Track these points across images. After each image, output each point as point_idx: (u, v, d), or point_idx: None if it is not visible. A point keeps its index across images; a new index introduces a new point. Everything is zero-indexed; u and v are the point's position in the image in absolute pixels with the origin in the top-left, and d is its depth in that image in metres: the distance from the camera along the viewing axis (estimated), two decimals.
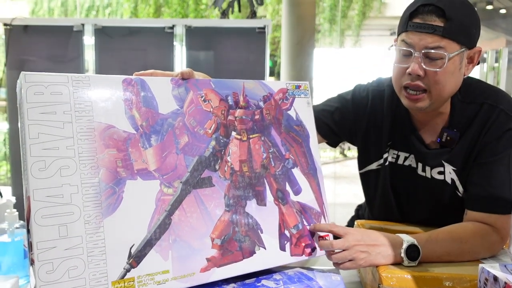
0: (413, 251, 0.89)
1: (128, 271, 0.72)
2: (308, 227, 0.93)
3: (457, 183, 1.06)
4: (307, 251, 0.92)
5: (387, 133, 1.15)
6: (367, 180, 1.24)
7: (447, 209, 1.09)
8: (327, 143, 1.25)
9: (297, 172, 0.94)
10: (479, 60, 1.03)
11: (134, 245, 0.73)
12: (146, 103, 0.80)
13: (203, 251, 0.80)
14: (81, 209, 0.70)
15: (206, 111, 0.86)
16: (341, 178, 6.88)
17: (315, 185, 0.96)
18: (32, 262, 0.67)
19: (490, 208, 0.98)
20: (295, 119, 0.96)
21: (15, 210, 0.98)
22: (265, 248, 0.87)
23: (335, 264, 0.89)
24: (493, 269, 0.70)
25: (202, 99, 0.86)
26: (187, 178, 0.81)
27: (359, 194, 1.32)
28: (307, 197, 0.94)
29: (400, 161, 1.14)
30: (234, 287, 0.82)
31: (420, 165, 1.10)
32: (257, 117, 0.91)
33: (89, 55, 2.62)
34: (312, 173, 0.96)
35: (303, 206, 0.93)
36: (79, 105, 0.73)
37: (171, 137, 0.81)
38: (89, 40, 2.61)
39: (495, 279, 0.67)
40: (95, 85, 0.75)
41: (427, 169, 1.09)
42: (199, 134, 0.84)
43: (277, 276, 0.88)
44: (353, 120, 1.19)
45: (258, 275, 0.87)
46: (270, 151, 0.91)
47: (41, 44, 2.62)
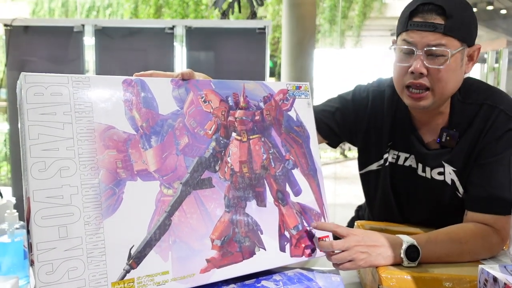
0: (412, 252, 0.89)
1: (128, 272, 0.72)
2: (311, 224, 0.93)
3: (457, 183, 1.06)
4: (307, 252, 0.91)
5: (387, 134, 1.15)
6: (367, 180, 1.24)
7: (447, 210, 1.09)
8: (327, 143, 1.25)
9: (297, 173, 0.94)
10: (479, 60, 1.04)
11: (134, 246, 0.73)
12: (146, 104, 0.80)
13: (203, 252, 0.80)
14: (81, 210, 0.70)
15: (206, 112, 0.86)
16: (341, 178, 6.88)
17: (315, 186, 0.96)
18: (32, 263, 0.67)
19: (490, 208, 0.98)
20: (295, 119, 0.96)
21: (15, 210, 0.98)
22: (265, 249, 0.87)
23: (335, 264, 0.89)
24: (493, 270, 0.70)
25: (202, 100, 0.86)
26: (187, 179, 0.81)
27: (360, 194, 1.32)
28: (307, 198, 0.94)
29: (400, 162, 1.14)
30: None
31: (420, 166, 1.10)
32: (257, 118, 0.91)
33: (89, 56, 2.62)
34: (312, 174, 0.96)
35: (303, 207, 0.93)
36: (79, 105, 0.73)
37: (171, 138, 0.81)
38: (89, 40, 2.61)
39: (495, 280, 0.67)
40: (95, 85, 0.75)
41: (427, 169, 1.09)
42: (199, 135, 0.84)
43: (277, 277, 0.88)
44: (353, 120, 1.19)
45: (258, 276, 0.87)
46: (270, 152, 0.91)
47: (41, 44, 2.62)
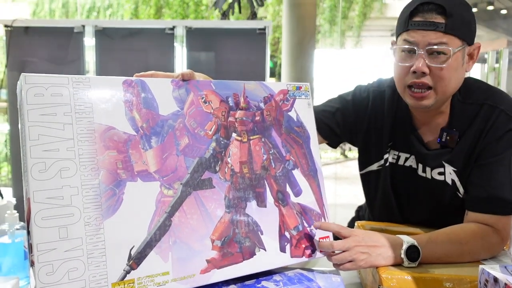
0: (413, 252, 0.89)
1: (128, 272, 0.72)
2: (314, 224, 0.93)
3: (458, 184, 1.05)
4: (307, 252, 0.91)
5: (387, 134, 1.15)
6: (367, 181, 1.24)
7: (448, 210, 1.09)
8: (327, 144, 1.25)
9: (297, 173, 0.94)
10: (479, 60, 1.05)
11: (134, 246, 0.73)
12: (146, 105, 0.80)
13: (203, 252, 0.80)
14: (81, 210, 0.70)
15: (206, 113, 0.86)
16: (342, 179, 6.87)
17: (316, 187, 0.96)
18: (32, 263, 0.67)
19: (490, 209, 0.98)
20: (295, 120, 0.96)
21: (16, 211, 0.98)
22: (265, 249, 0.87)
23: (336, 265, 0.89)
24: (493, 270, 0.69)
25: (202, 100, 0.86)
26: (188, 179, 0.81)
27: (360, 195, 1.32)
28: (307, 198, 0.94)
29: (400, 162, 1.14)
30: None
31: (420, 166, 1.10)
32: (258, 118, 0.91)
33: (90, 57, 2.62)
34: (312, 174, 0.96)
35: (303, 207, 0.93)
36: (80, 106, 0.73)
37: (171, 139, 0.81)
38: (89, 41, 2.61)
39: (495, 280, 0.67)
40: (95, 86, 0.75)
41: (428, 170, 1.09)
42: (200, 135, 0.84)
43: (277, 277, 0.88)
44: (353, 121, 1.19)
45: (258, 276, 0.87)
46: (270, 152, 0.91)
47: (41, 45, 2.62)
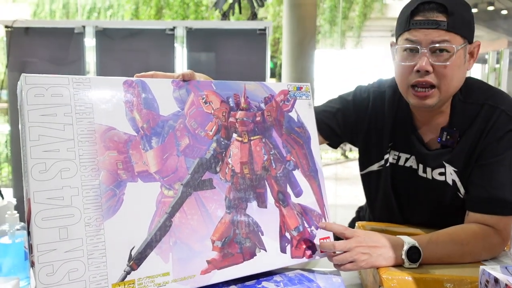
0: (414, 253, 0.89)
1: (128, 273, 0.72)
2: (319, 224, 0.93)
3: (458, 184, 1.05)
4: (308, 253, 0.91)
5: (388, 134, 1.15)
6: (368, 181, 1.24)
7: (448, 211, 1.09)
8: (328, 144, 1.25)
9: (298, 174, 0.94)
10: (480, 61, 1.05)
11: (134, 247, 0.73)
12: (147, 105, 0.79)
13: (203, 253, 0.80)
14: (81, 211, 0.70)
15: (207, 113, 0.86)
16: (342, 179, 6.87)
17: (316, 187, 0.96)
18: (32, 264, 0.67)
19: (491, 209, 0.98)
20: (296, 120, 0.96)
21: (16, 212, 0.98)
22: (265, 250, 0.87)
23: (336, 265, 0.89)
24: (494, 271, 0.69)
25: (203, 100, 0.86)
26: (188, 180, 0.81)
27: (361, 195, 1.32)
28: (308, 199, 0.94)
29: (401, 162, 1.14)
30: None
31: (421, 166, 1.10)
32: (258, 118, 0.91)
33: (90, 57, 2.62)
34: (313, 175, 0.96)
35: (304, 208, 0.93)
36: (80, 107, 0.73)
37: (172, 139, 0.81)
38: (90, 42, 2.61)
39: (496, 281, 0.67)
40: (95, 86, 0.75)
41: (428, 170, 1.09)
42: (200, 136, 0.84)
43: (277, 278, 0.87)
44: (354, 121, 1.19)
45: (258, 277, 0.87)
46: (271, 153, 0.91)
47: (42, 46, 2.62)
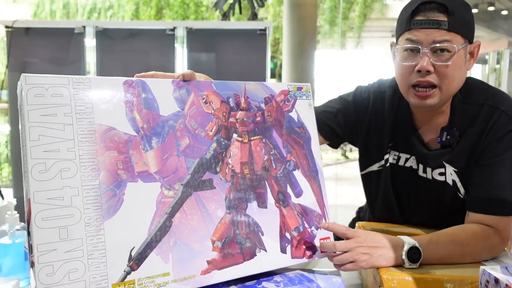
0: (414, 253, 0.88)
1: (128, 273, 0.72)
2: (321, 224, 0.93)
3: (459, 184, 1.05)
4: (308, 253, 0.91)
5: (388, 135, 1.15)
6: (368, 181, 1.24)
7: (449, 211, 1.09)
8: (328, 144, 1.25)
9: (298, 174, 0.94)
10: (480, 61, 1.05)
11: (134, 247, 0.73)
12: (147, 105, 0.79)
13: (203, 253, 0.80)
14: (81, 211, 0.70)
15: (207, 113, 0.86)
16: (342, 180, 6.87)
17: (316, 188, 0.96)
18: (32, 264, 0.67)
19: (491, 209, 0.98)
20: (296, 121, 0.96)
21: (16, 212, 0.98)
22: (266, 250, 0.87)
23: (337, 265, 0.89)
24: (494, 271, 0.69)
25: (203, 101, 0.86)
26: (188, 180, 0.81)
27: (361, 196, 1.32)
28: (308, 199, 0.94)
29: (401, 163, 1.14)
30: None
31: (421, 167, 1.10)
32: (259, 119, 0.91)
33: (90, 57, 2.62)
34: (313, 175, 0.96)
35: (304, 208, 0.93)
36: (80, 107, 0.73)
37: (172, 139, 0.81)
38: (90, 42, 2.61)
39: (496, 281, 0.67)
40: (96, 86, 0.75)
41: (428, 170, 1.09)
42: (200, 136, 0.84)
43: (277, 278, 0.87)
44: (354, 121, 1.19)
45: (258, 277, 0.87)
46: (271, 153, 0.91)
47: (42, 46, 2.63)
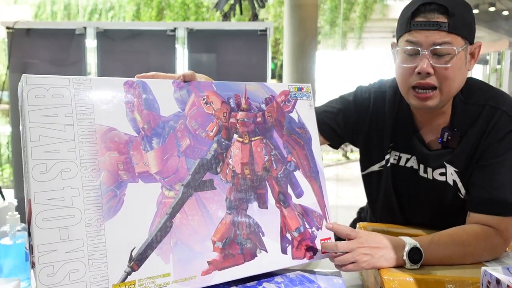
0: (415, 254, 0.88)
1: (129, 274, 0.72)
2: (326, 225, 0.93)
3: (459, 184, 1.05)
4: (309, 254, 0.91)
5: (388, 135, 1.14)
6: (369, 181, 1.24)
7: (449, 211, 1.09)
8: (329, 144, 1.24)
9: (299, 174, 0.94)
10: (481, 62, 1.05)
11: (135, 248, 0.73)
12: (147, 106, 0.79)
13: (204, 254, 0.80)
14: (82, 212, 0.70)
15: (208, 114, 0.86)
16: (343, 180, 6.87)
17: (317, 188, 0.96)
18: (33, 265, 0.67)
19: (492, 210, 0.97)
20: (297, 121, 0.96)
21: (17, 212, 0.98)
22: (266, 251, 0.86)
23: (338, 266, 0.89)
24: (496, 272, 0.69)
25: (204, 101, 0.86)
26: (189, 181, 0.81)
27: (362, 196, 1.32)
28: (309, 200, 0.94)
29: (402, 163, 1.14)
30: None
31: (422, 167, 1.10)
32: (259, 119, 0.91)
33: (91, 58, 2.62)
34: (314, 175, 0.96)
35: (305, 209, 0.93)
36: (81, 107, 0.73)
37: (172, 140, 0.81)
38: (91, 43, 2.62)
39: (498, 282, 0.67)
40: (96, 87, 0.75)
41: (429, 170, 1.09)
42: (201, 136, 0.84)
43: (278, 278, 0.87)
44: (355, 121, 1.18)
45: (259, 277, 0.87)
46: (272, 153, 0.91)
47: (43, 47, 2.63)
